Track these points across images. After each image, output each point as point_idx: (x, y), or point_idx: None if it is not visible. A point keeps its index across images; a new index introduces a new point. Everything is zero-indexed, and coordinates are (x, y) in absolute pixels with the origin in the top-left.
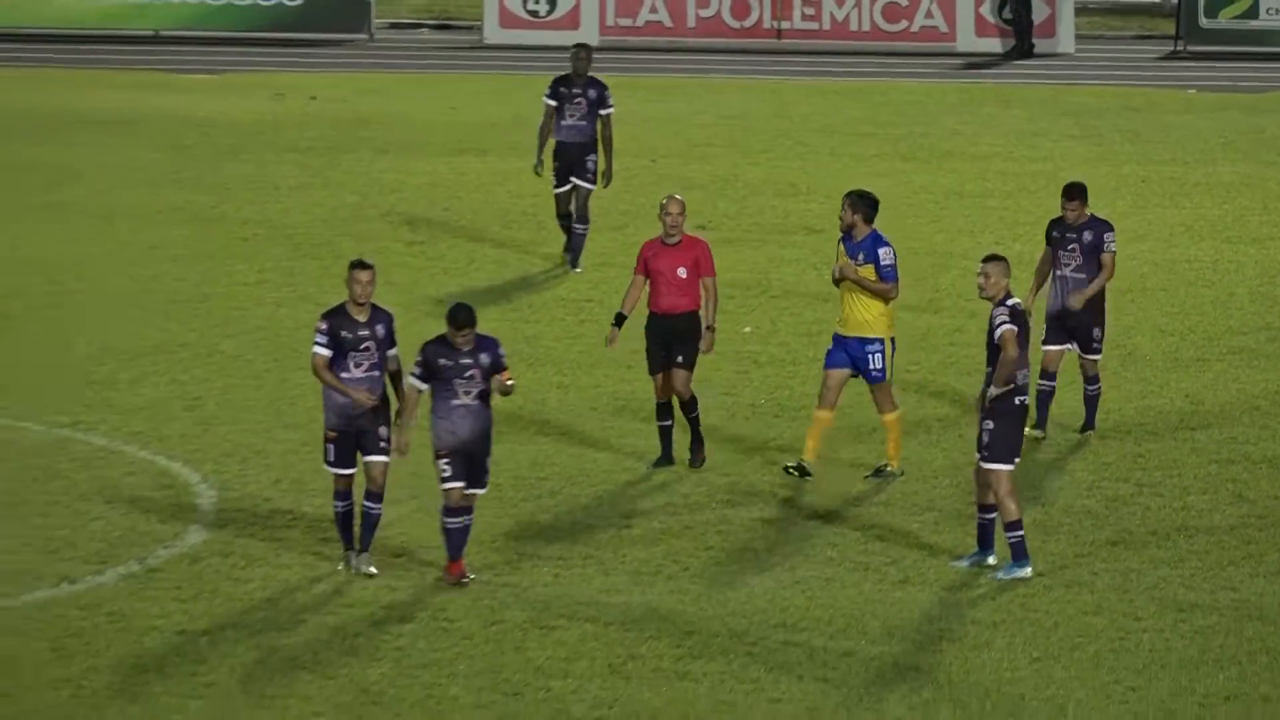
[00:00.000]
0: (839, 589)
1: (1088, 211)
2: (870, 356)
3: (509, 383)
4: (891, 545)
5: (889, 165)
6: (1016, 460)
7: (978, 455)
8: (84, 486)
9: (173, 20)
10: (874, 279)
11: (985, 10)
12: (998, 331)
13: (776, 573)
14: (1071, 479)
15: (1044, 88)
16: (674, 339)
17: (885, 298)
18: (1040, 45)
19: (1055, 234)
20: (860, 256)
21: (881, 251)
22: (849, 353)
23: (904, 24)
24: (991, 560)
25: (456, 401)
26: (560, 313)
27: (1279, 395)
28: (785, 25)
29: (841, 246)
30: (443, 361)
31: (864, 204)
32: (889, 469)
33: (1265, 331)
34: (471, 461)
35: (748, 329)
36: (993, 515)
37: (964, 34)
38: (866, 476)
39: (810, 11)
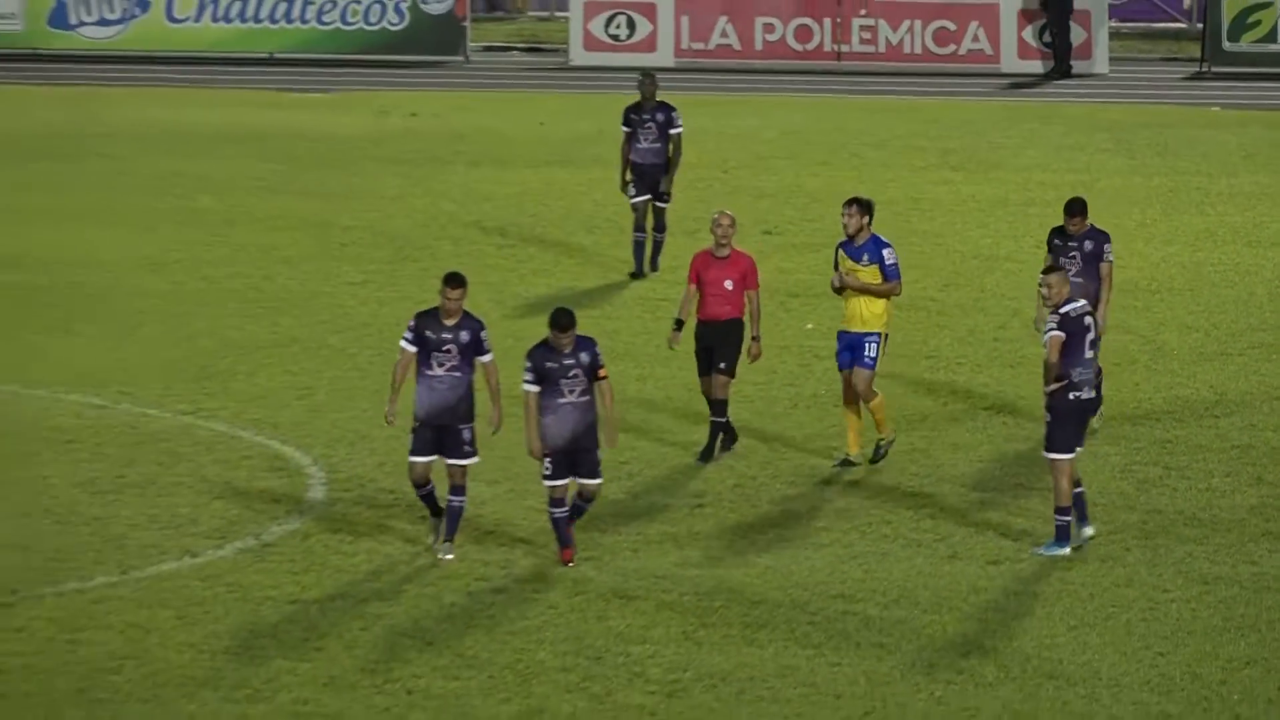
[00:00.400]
0: (893, 563)
1: (1087, 223)
2: (866, 344)
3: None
4: (941, 523)
5: (939, 175)
6: (1076, 450)
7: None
8: (206, 469)
9: (287, 44)
10: (878, 280)
11: (1027, 34)
12: (1045, 337)
13: (835, 549)
14: (1105, 463)
15: (1081, 105)
16: (717, 345)
17: (890, 294)
18: (1077, 67)
19: (1057, 242)
20: (865, 258)
21: (885, 252)
22: (850, 345)
23: (953, 47)
24: (1089, 532)
25: (563, 400)
26: (638, 310)
27: None
28: (844, 48)
29: (841, 252)
30: (549, 364)
31: (869, 209)
32: (884, 441)
33: None
34: (576, 457)
35: (810, 325)
36: (1080, 490)
37: (1007, 56)
38: (871, 461)
39: (867, 36)
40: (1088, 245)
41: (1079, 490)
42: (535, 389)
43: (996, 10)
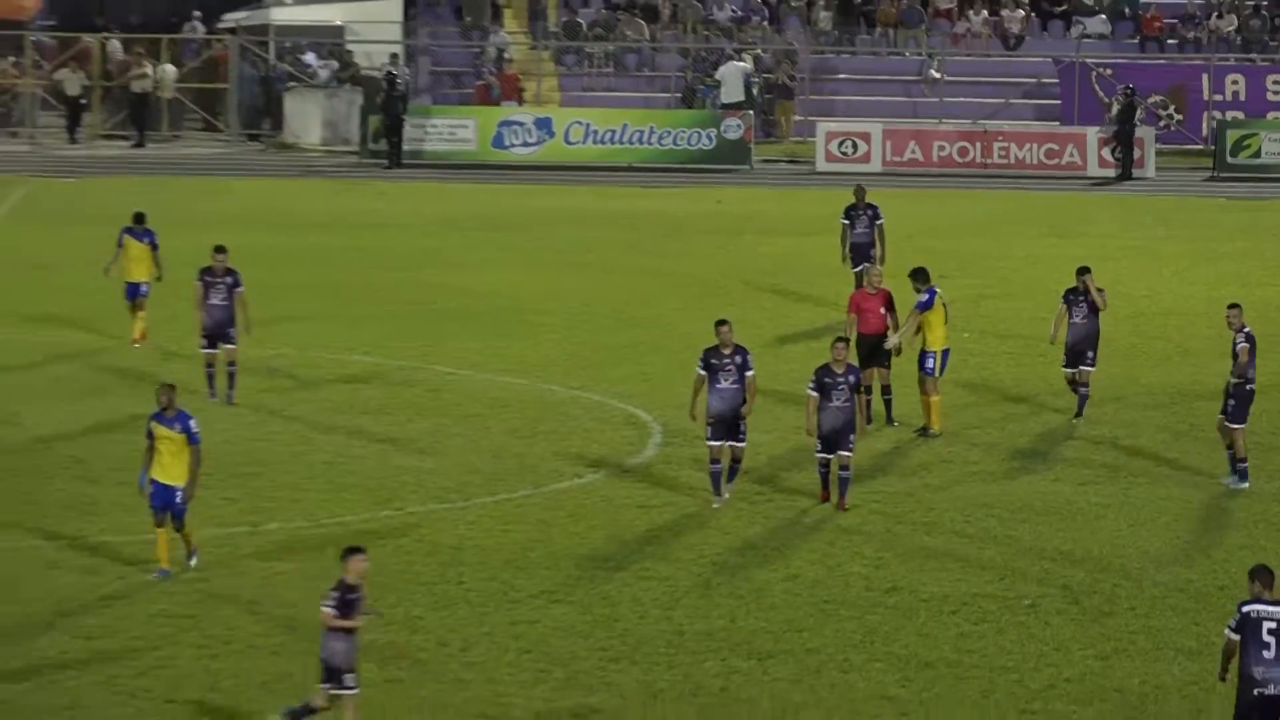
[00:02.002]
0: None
1: (1090, 282)
2: (926, 360)
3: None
4: (1087, 469)
5: (1047, 241)
6: (1245, 422)
7: (1221, 416)
8: (587, 423)
9: (640, 158)
10: (919, 316)
11: (1104, 153)
12: (1238, 346)
13: (1034, 478)
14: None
15: (1137, 197)
16: (873, 350)
17: (931, 324)
18: (1136, 173)
19: (1070, 297)
20: (920, 307)
21: (924, 300)
22: (920, 360)
23: (1057, 160)
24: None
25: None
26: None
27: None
28: (986, 160)
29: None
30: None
31: (923, 275)
32: (931, 431)
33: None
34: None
35: (966, 335)
36: (1231, 451)
37: (1091, 165)
38: (914, 432)
39: (1003, 152)
40: (1088, 301)
41: (1231, 452)
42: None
43: (1085, 138)
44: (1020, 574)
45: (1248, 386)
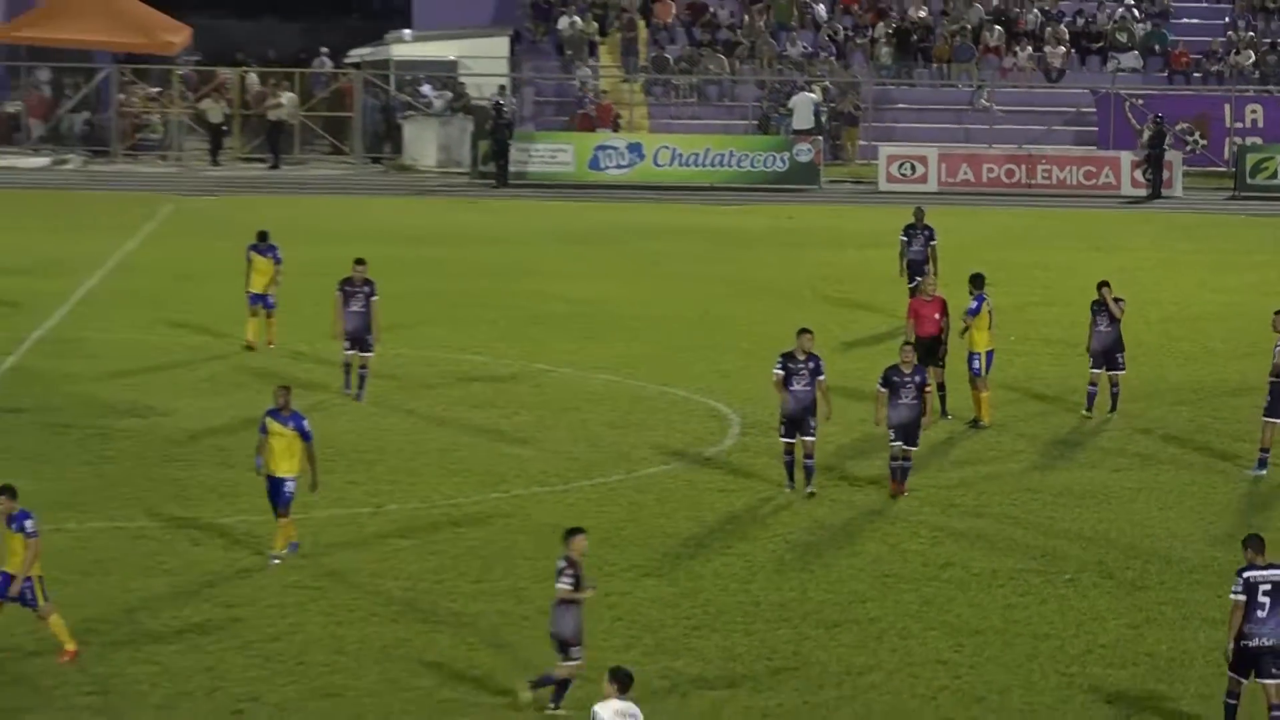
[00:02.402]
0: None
1: (1108, 293)
2: (973, 360)
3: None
4: (1121, 458)
5: (1084, 254)
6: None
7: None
8: (673, 415)
9: (720, 179)
10: (969, 320)
11: (1137, 174)
12: (1278, 348)
13: (1073, 466)
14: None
15: (1166, 214)
16: (928, 351)
17: (977, 327)
18: (1165, 192)
19: (1095, 308)
20: (969, 313)
21: (973, 307)
22: (969, 360)
23: (1095, 180)
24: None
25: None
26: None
27: None
28: (1031, 180)
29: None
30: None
31: (978, 281)
32: (982, 424)
33: None
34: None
35: (1012, 338)
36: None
37: (1125, 185)
38: (966, 425)
39: (1046, 173)
40: (1112, 312)
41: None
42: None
43: (1119, 161)
44: (1060, 552)
45: None
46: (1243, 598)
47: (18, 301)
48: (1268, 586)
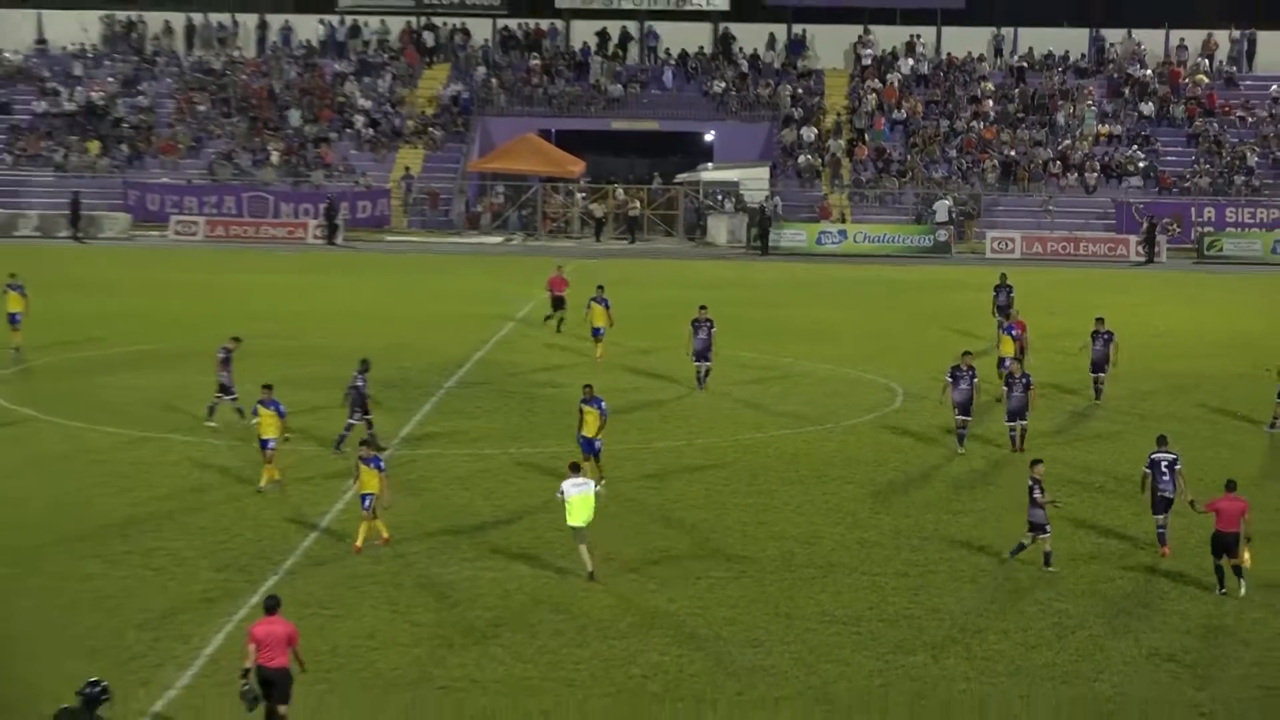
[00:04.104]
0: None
1: (1105, 326)
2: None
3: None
4: (1120, 428)
5: (1108, 295)
6: None
7: None
8: (861, 387)
9: (892, 250)
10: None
11: (1139, 249)
12: None
13: (1103, 438)
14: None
15: (1157, 272)
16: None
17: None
18: (1156, 260)
19: (1094, 333)
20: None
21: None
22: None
23: (1114, 252)
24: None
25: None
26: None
27: None
28: (1076, 252)
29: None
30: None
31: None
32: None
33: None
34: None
35: (1080, 345)
36: None
37: (1131, 255)
38: (994, 401)
39: (1085, 248)
40: (1105, 336)
41: None
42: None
43: (1128, 241)
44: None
45: None
46: (1149, 471)
47: (484, 315)
48: (1164, 462)
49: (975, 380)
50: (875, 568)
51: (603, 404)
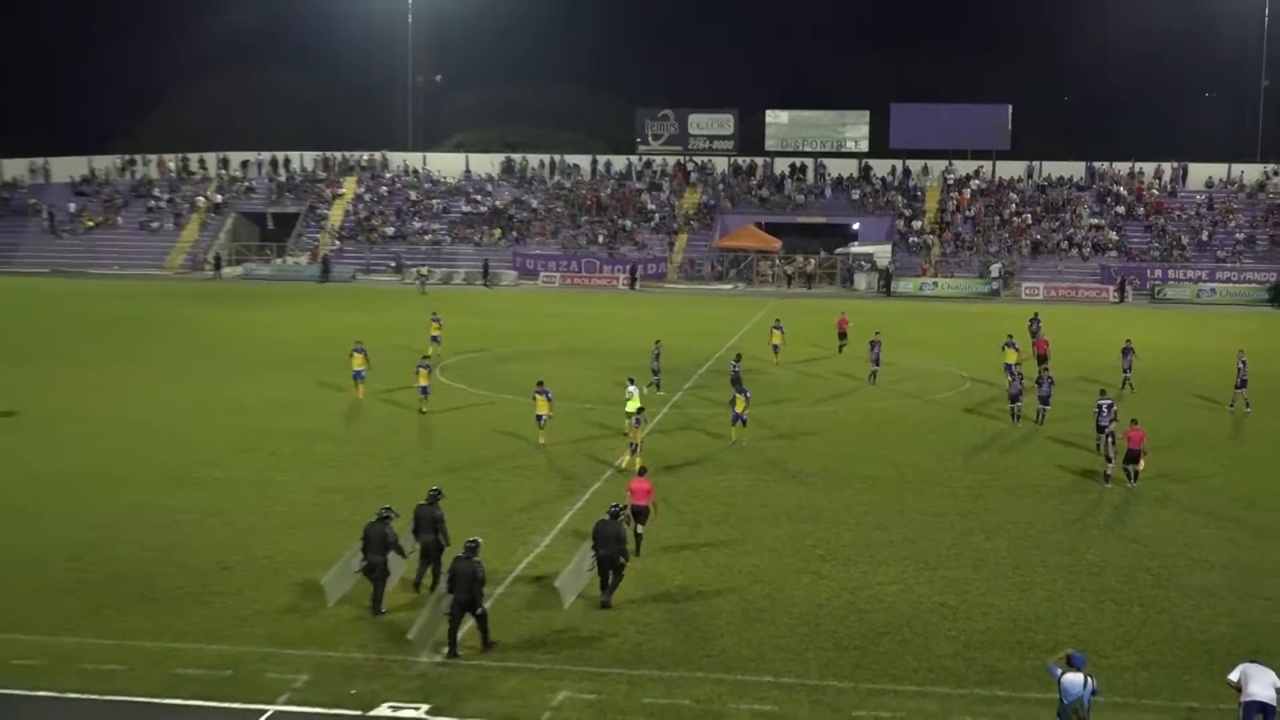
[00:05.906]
0: None
1: (1131, 343)
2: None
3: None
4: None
5: (1101, 322)
6: None
7: None
8: (940, 377)
9: (965, 293)
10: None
11: (1114, 294)
12: None
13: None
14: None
15: (1128, 308)
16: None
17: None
18: (1127, 300)
19: (1124, 349)
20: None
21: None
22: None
23: (1102, 297)
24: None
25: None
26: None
27: None
28: (1077, 297)
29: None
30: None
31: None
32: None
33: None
34: (1045, 399)
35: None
36: None
37: (1111, 297)
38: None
39: (1084, 294)
40: (1129, 350)
41: None
42: (1011, 376)
43: (1110, 289)
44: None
45: None
46: (1097, 408)
47: (716, 332)
48: (1105, 405)
49: (1022, 378)
50: (952, 483)
51: (747, 393)
